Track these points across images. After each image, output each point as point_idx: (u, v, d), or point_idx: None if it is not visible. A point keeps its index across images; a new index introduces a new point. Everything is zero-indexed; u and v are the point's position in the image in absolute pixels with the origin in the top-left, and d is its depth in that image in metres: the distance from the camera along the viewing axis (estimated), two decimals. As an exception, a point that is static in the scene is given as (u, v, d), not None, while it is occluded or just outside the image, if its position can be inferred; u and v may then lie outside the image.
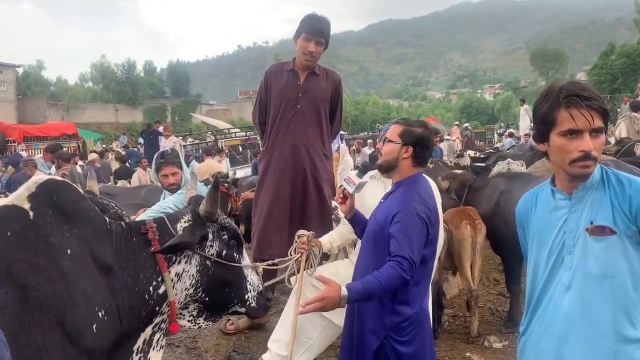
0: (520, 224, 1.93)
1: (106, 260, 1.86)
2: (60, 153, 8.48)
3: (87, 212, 1.89)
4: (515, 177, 5.19)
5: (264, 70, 4.04)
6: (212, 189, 2.09)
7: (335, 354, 4.26)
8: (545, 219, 1.81)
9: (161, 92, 61.82)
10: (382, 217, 2.42)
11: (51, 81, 60.00)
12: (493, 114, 64.14)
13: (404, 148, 2.45)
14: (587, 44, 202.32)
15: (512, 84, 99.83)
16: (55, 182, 1.87)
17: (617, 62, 34.50)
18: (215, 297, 2.19)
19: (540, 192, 1.87)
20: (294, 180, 3.66)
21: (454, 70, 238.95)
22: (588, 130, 1.60)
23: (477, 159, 11.99)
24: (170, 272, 2.01)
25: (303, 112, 3.66)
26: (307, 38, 3.57)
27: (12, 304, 1.53)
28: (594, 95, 1.62)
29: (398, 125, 2.53)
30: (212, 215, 2.15)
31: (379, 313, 2.37)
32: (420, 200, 2.37)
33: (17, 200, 1.75)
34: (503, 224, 4.76)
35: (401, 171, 2.49)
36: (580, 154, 1.61)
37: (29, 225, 1.70)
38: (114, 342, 1.83)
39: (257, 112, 3.90)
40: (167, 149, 3.73)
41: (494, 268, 6.15)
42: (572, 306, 1.67)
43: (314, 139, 3.71)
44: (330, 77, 3.81)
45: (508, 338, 4.72)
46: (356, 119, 58.42)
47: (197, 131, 28.28)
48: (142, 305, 1.94)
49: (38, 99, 44.54)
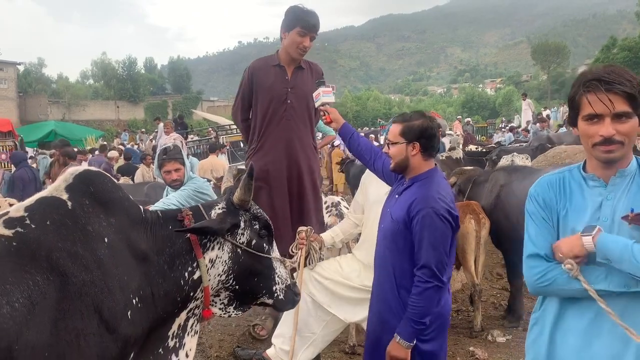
0: (545, 204, 1.79)
1: (142, 248, 1.90)
2: (67, 151, 8.47)
3: (121, 201, 1.94)
4: (515, 170, 5.20)
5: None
6: (247, 177, 2.12)
7: (340, 349, 4.27)
8: (576, 204, 1.73)
9: (162, 88, 61.89)
10: (399, 215, 2.40)
11: (52, 78, 60.06)
12: (495, 108, 64.01)
13: (410, 146, 2.41)
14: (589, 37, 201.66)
15: (514, 78, 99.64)
16: (91, 173, 1.92)
17: (619, 55, 34.34)
18: (245, 286, 2.22)
19: (567, 176, 1.79)
20: (290, 174, 3.66)
21: (455, 65, 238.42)
22: (608, 114, 1.58)
23: (478, 154, 11.96)
24: (204, 258, 2.05)
25: (293, 107, 3.64)
26: (303, 33, 3.54)
27: (52, 290, 1.57)
28: (618, 79, 1.58)
29: (396, 124, 2.48)
30: (246, 204, 2.19)
31: (402, 311, 2.37)
32: (439, 197, 2.34)
33: (56, 192, 1.80)
34: (503, 218, 4.76)
35: (414, 168, 2.45)
36: (600, 138, 1.60)
37: (68, 215, 1.75)
38: (149, 328, 1.88)
39: (240, 109, 3.84)
40: (170, 145, 3.70)
41: (497, 262, 6.15)
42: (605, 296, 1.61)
43: (304, 133, 3.71)
44: (314, 69, 3.81)
45: (511, 332, 4.72)
46: (357, 114, 58.38)
47: (198, 127, 28.29)
48: (178, 291, 1.98)
49: (39, 96, 44.60)
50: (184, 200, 3.25)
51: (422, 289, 2.28)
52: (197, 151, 15.75)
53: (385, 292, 2.47)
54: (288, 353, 2.99)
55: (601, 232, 1.61)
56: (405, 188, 2.49)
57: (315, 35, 3.61)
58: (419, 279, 2.29)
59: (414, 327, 2.29)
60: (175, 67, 67.83)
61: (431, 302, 2.29)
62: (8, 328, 1.41)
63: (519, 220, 4.70)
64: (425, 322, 2.29)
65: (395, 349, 2.32)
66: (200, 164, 9.80)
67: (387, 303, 2.46)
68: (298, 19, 3.55)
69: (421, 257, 2.29)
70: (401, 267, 2.40)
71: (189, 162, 3.68)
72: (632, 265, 1.52)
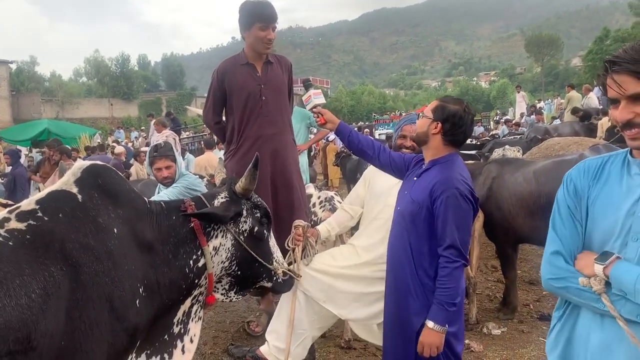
0: (575, 192, 1.64)
1: (148, 238, 1.95)
2: (62, 148, 8.44)
3: (128, 193, 2.00)
4: (507, 162, 5.22)
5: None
6: (252, 167, 2.21)
7: (335, 344, 4.27)
8: (611, 194, 1.57)
9: (156, 85, 61.64)
10: (420, 196, 2.40)
11: (45, 77, 59.71)
12: (489, 101, 64.15)
13: (433, 123, 2.44)
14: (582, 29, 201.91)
15: (508, 71, 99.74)
16: (98, 166, 1.97)
17: (612, 47, 34.36)
18: (246, 271, 2.31)
19: (609, 162, 1.63)
20: (273, 170, 3.64)
21: (449, 58, 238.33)
22: (622, 97, 1.46)
23: (472, 147, 11.97)
24: (209, 246, 2.13)
25: (268, 103, 3.62)
26: (264, 27, 3.50)
27: (66, 280, 1.62)
28: (625, 58, 1.45)
29: (436, 102, 2.53)
30: (248, 193, 2.30)
31: (423, 294, 2.38)
32: (462, 179, 2.37)
33: (65, 185, 1.85)
34: (496, 210, 4.79)
35: (432, 148, 2.47)
36: (620, 123, 1.49)
37: (79, 207, 1.80)
38: (155, 316, 1.94)
39: (211, 112, 3.80)
40: (161, 142, 3.68)
41: (491, 255, 6.16)
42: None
43: (282, 127, 3.70)
44: (283, 62, 3.79)
45: (506, 324, 4.74)
46: (352, 109, 58.33)
47: (193, 124, 28.18)
48: (183, 279, 2.04)
49: (32, 95, 44.37)
50: (175, 197, 3.22)
51: (451, 269, 2.28)
52: (191, 148, 15.70)
53: (404, 274, 2.46)
54: (282, 350, 2.98)
55: (618, 261, 1.47)
56: (424, 170, 2.50)
57: (276, 24, 3.56)
58: (447, 259, 2.29)
59: (447, 309, 2.28)
60: (168, 63, 67.53)
61: (459, 282, 2.31)
62: (26, 318, 1.47)
63: (510, 212, 4.75)
64: (456, 303, 2.30)
65: (430, 336, 2.29)
66: (196, 160, 9.75)
67: (405, 285, 2.45)
68: (254, 15, 3.50)
69: (447, 237, 2.29)
70: (419, 248, 2.41)
71: (185, 159, 3.65)
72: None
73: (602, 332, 1.54)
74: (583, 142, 7.27)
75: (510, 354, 4.11)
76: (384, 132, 21.33)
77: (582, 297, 1.55)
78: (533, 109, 20.83)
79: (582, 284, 1.53)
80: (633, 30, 35.31)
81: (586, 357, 1.58)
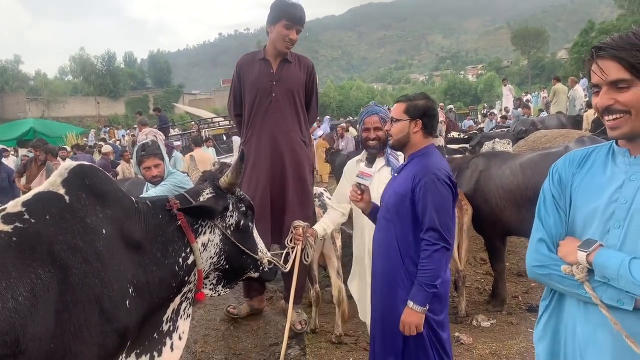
0: (559, 181, 1.67)
1: (136, 238, 1.94)
2: (47, 148, 8.37)
3: (116, 192, 1.99)
4: (494, 156, 5.27)
5: (246, 57, 4.00)
6: (238, 160, 2.24)
7: (326, 339, 4.29)
8: (593, 181, 1.59)
9: (142, 83, 61.22)
10: (401, 188, 2.51)
11: (30, 75, 58.96)
12: (476, 94, 64.34)
13: (412, 123, 2.54)
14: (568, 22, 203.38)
15: (495, 64, 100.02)
16: (85, 167, 1.96)
17: (597, 39, 34.46)
18: (235, 264, 2.34)
19: (595, 151, 1.64)
20: (273, 169, 3.65)
21: (437, 52, 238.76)
22: (604, 83, 1.46)
23: (460, 140, 12.01)
24: (197, 243, 2.13)
25: (278, 100, 3.63)
26: (289, 26, 3.54)
27: (54, 282, 1.60)
28: (611, 44, 1.45)
29: (401, 103, 2.61)
30: (234, 187, 2.32)
31: (410, 283, 2.44)
32: (439, 166, 2.47)
33: (52, 187, 1.83)
34: (483, 203, 4.83)
35: (414, 145, 2.57)
36: (600, 109, 1.49)
37: (66, 209, 1.78)
38: (144, 316, 1.93)
39: (232, 104, 3.88)
40: (148, 140, 3.65)
41: (480, 248, 6.20)
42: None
43: (291, 126, 3.69)
44: (303, 63, 3.80)
45: (495, 316, 4.78)
46: (340, 104, 58.30)
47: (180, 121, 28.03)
48: (173, 277, 2.04)
49: (17, 94, 43.85)
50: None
51: (431, 251, 2.36)
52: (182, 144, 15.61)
53: (391, 264, 2.54)
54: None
55: (601, 248, 1.48)
56: (404, 166, 2.63)
57: (302, 28, 3.61)
58: (427, 242, 2.37)
59: (426, 290, 2.36)
60: (155, 60, 67.04)
61: (440, 264, 2.38)
62: (14, 321, 1.46)
63: (498, 205, 4.79)
64: (436, 285, 2.37)
65: (410, 315, 2.38)
66: (186, 158, 9.71)
67: (392, 274, 2.52)
68: (283, 12, 3.55)
69: (427, 221, 2.38)
70: (404, 237, 2.48)
71: (172, 157, 3.64)
72: (628, 282, 1.40)
73: (586, 320, 1.56)
74: (569, 134, 7.34)
75: (500, 345, 4.16)
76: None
77: (564, 284, 1.58)
78: (519, 102, 20.95)
79: (565, 271, 1.55)
80: (617, 22, 35.60)
81: (573, 345, 1.61)
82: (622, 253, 1.45)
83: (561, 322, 1.66)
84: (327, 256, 4.26)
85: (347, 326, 4.36)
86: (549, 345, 1.70)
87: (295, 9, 3.57)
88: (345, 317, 4.21)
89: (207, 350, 3.35)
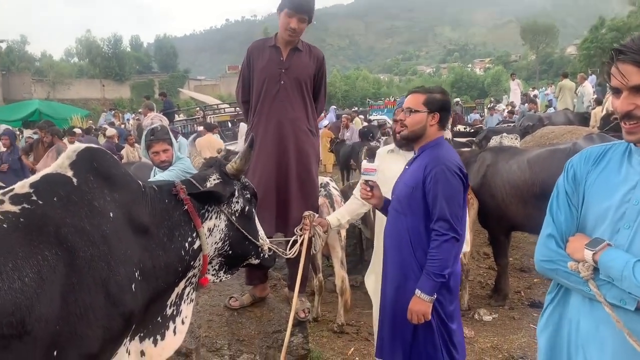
0: (574, 177, 1.67)
1: (143, 222, 1.94)
2: (53, 129, 8.38)
3: (123, 176, 1.99)
4: (502, 150, 5.25)
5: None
6: (247, 147, 2.26)
7: (328, 329, 4.31)
8: (608, 180, 1.59)
9: (148, 67, 61.04)
10: (412, 180, 2.53)
11: (36, 57, 58.80)
12: (483, 88, 64.02)
13: (430, 115, 2.55)
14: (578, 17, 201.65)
15: (503, 58, 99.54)
16: (93, 150, 1.96)
17: (608, 35, 34.38)
18: (237, 250, 2.36)
19: (612, 149, 1.64)
20: (278, 156, 3.63)
21: (444, 44, 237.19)
22: (624, 88, 1.45)
23: (465, 134, 11.97)
24: (203, 228, 2.14)
25: (286, 88, 3.60)
26: (290, 14, 3.48)
27: (61, 264, 1.61)
28: (633, 47, 1.43)
29: (419, 94, 2.61)
30: (241, 174, 2.34)
31: (420, 271, 2.45)
32: (450, 157, 2.49)
33: (60, 169, 1.83)
34: (489, 197, 4.83)
35: (427, 137, 2.59)
36: (620, 113, 1.49)
37: (74, 191, 1.78)
38: (150, 299, 1.93)
39: (240, 90, 3.83)
40: (157, 125, 3.66)
41: (483, 242, 6.21)
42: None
43: (298, 115, 3.67)
44: (314, 53, 3.75)
45: (497, 311, 4.80)
46: (346, 94, 58.12)
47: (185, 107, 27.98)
48: (179, 262, 2.05)
49: (23, 75, 43.73)
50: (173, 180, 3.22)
51: (440, 241, 2.38)
52: (184, 131, 15.62)
53: (402, 256, 2.55)
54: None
55: (608, 248, 1.50)
56: (414, 158, 2.64)
57: (305, 16, 3.52)
58: (437, 232, 2.39)
59: (434, 280, 2.38)
60: (161, 45, 66.74)
61: (449, 254, 2.39)
62: (20, 302, 1.45)
63: (504, 200, 4.78)
64: (445, 275, 2.39)
65: (417, 303, 2.40)
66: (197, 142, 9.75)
67: (404, 266, 2.54)
68: (287, 0, 3.49)
69: (437, 211, 2.40)
70: (416, 228, 2.50)
71: (177, 141, 3.64)
72: (631, 284, 1.42)
73: (591, 316, 1.58)
74: (577, 131, 7.32)
75: (501, 340, 4.18)
76: (377, 118, 21.33)
77: (570, 280, 1.61)
78: (526, 97, 20.84)
79: (571, 267, 1.60)
80: (629, 19, 35.29)
81: (576, 339, 1.64)
82: (628, 254, 1.46)
83: (565, 315, 1.69)
84: (331, 246, 4.27)
85: (349, 316, 4.38)
86: (551, 337, 1.74)
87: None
88: (348, 306, 4.24)
89: (210, 335, 3.37)
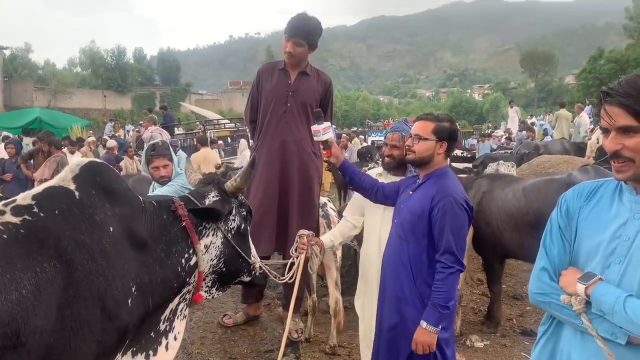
0: (567, 212, 1.71)
1: (142, 237, 1.96)
2: (51, 140, 8.43)
3: (125, 191, 2.01)
4: (498, 178, 5.30)
5: (255, 61, 4.10)
6: (248, 167, 2.31)
7: (320, 350, 4.30)
8: (599, 216, 1.63)
9: (150, 79, 61.25)
10: (418, 208, 2.56)
11: (39, 65, 59.01)
12: (482, 113, 64.54)
13: (439, 144, 2.59)
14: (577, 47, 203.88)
15: (502, 85, 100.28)
16: (96, 164, 1.98)
17: (605, 67, 34.73)
18: (231, 268, 2.37)
19: (603, 185, 1.68)
20: (282, 176, 3.68)
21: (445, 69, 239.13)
22: (612, 128, 1.51)
23: (461, 158, 12.02)
24: (200, 244, 2.16)
25: (292, 110, 3.67)
26: (287, 37, 3.57)
27: (59, 277, 1.61)
28: (619, 90, 1.48)
29: (428, 122, 2.64)
30: (239, 192, 2.37)
31: (422, 303, 2.49)
32: (457, 189, 2.53)
33: (63, 182, 1.85)
34: (484, 224, 4.85)
35: (434, 165, 2.63)
36: (609, 152, 1.55)
37: (75, 204, 1.80)
38: (145, 315, 1.95)
39: (249, 110, 3.92)
40: (158, 141, 3.71)
41: (477, 268, 6.22)
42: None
43: (303, 136, 3.72)
44: (322, 78, 3.83)
45: (489, 337, 4.80)
46: (346, 114, 58.50)
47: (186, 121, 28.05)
48: (175, 277, 2.07)
49: (25, 82, 43.82)
50: (172, 195, 3.25)
51: (447, 274, 2.42)
52: (184, 144, 15.67)
53: (402, 283, 2.58)
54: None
55: (599, 283, 1.53)
56: (420, 184, 2.66)
57: (302, 40, 3.55)
58: (443, 264, 2.43)
59: (440, 312, 2.42)
60: (164, 58, 67.10)
61: (454, 287, 2.45)
62: (16, 313, 1.46)
63: (498, 227, 4.81)
64: (449, 307, 2.44)
65: (423, 335, 2.44)
66: (192, 156, 9.78)
67: (402, 292, 2.56)
68: (287, 24, 3.59)
69: (443, 243, 2.44)
70: (418, 256, 2.53)
71: (176, 155, 3.68)
72: (622, 318, 1.45)
73: (582, 349, 1.60)
74: (573, 161, 7.39)
75: (492, 367, 4.17)
76: (376, 139, 21.46)
77: (563, 313, 1.64)
78: (524, 124, 21.01)
79: (564, 301, 1.62)
80: (626, 52, 35.67)
81: None
82: (619, 289, 1.50)
83: (558, 347, 1.71)
84: (326, 266, 4.28)
85: (341, 337, 4.38)
86: None
87: (294, 20, 3.57)
88: (341, 328, 4.23)
89: (203, 352, 3.37)
